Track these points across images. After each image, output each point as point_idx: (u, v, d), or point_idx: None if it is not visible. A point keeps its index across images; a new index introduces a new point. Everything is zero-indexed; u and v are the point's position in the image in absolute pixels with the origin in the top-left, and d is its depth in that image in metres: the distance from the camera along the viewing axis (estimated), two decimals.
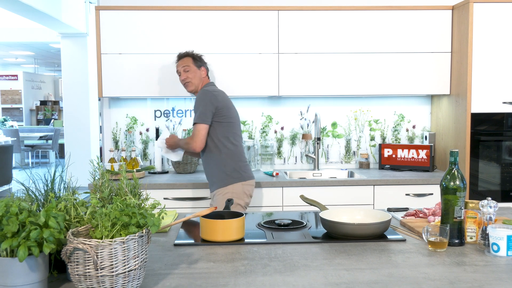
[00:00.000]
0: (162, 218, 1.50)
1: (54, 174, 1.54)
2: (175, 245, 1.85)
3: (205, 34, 3.56)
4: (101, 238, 1.33)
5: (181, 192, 3.34)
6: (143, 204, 1.51)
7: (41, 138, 11.15)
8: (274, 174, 3.57)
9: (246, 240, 1.90)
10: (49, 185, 1.54)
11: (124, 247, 1.30)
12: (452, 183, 1.81)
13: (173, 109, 3.93)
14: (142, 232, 1.36)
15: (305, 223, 2.14)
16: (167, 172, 3.78)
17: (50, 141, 11.06)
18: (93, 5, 7.20)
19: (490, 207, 1.78)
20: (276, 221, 2.14)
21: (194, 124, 2.94)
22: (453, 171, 1.82)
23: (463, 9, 3.49)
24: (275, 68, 3.60)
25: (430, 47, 3.67)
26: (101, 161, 3.93)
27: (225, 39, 3.58)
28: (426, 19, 3.64)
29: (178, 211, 3.18)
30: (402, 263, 1.63)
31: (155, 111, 3.93)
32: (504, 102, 3.47)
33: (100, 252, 1.27)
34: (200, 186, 3.34)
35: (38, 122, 14.87)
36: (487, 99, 3.46)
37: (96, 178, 1.61)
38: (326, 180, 3.49)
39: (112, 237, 1.33)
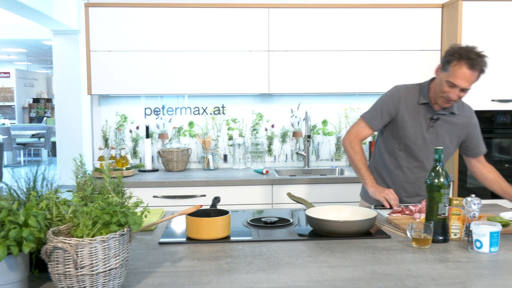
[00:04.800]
0: (145, 216, 1.51)
1: (36, 172, 1.54)
2: (160, 243, 1.85)
3: (195, 31, 3.56)
4: (82, 237, 1.33)
5: (170, 190, 3.33)
6: (126, 203, 1.51)
7: (33, 136, 11.10)
8: (264, 171, 3.58)
9: (232, 238, 1.90)
10: (31, 183, 1.53)
11: (104, 245, 1.29)
12: (436, 181, 1.81)
13: (163, 107, 3.93)
14: (124, 231, 1.35)
15: (291, 221, 2.14)
16: (157, 170, 3.77)
17: (42, 139, 11.01)
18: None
19: (474, 204, 1.78)
20: (263, 219, 2.14)
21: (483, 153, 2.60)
22: (437, 169, 1.83)
23: (452, 7, 3.50)
24: (265, 65, 3.60)
25: (420, 45, 3.68)
26: (93, 160, 3.92)
27: (215, 36, 3.57)
28: (416, 17, 3.65)
29: (167, 209, 3.16)
30: (386, 260, 1.64)
31: (145, 108, 3.92)
32: (493, 100, 3.49)
33: (80, 251, 1.27)
34: (190, 184, 3.34)
35: (31, 120, 14.80)
36: (476, 97, 3.46)
37: (79, 176, 1.60)
38: (316, 177, 3.50)
39: (93, 236, 1.33)
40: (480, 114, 3.49)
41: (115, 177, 1.67)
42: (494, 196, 3.57)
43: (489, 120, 3.54)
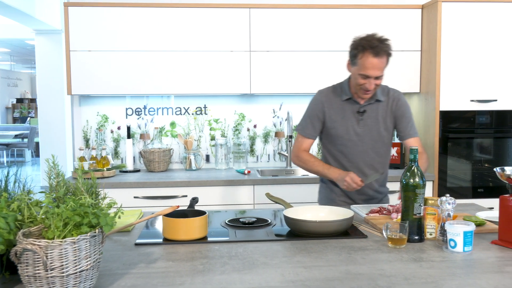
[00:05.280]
0: (119, 217, 1.50)
1: (8, 173, 1.52)
2: (136, 244, 1.83)
3: (176, 31, 3.54)
4: (53, 239, 1.31)
5: (151, 191, 3.32)
6: (100, 204, 1.49)
7: (16, 136, 10.98)
8: (246, 172, 3.57)
9: (209, 239, 1.90)
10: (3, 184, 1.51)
11: (75, 247, 1.28)
12: (411, 180, 1.82)
13: (144, 107, 3.91)
14: (95, 232, 1.34)
15: (269, 221, 2.14)
16: (138, 171, 3.75)
17: (26, 140, 10.89)
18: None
19: (449, 203, 1.80)
20: (241, 219, 2.14)
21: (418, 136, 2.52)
22: (412, 168, 1.84)
23: (431, 8, 3.53)
24: (246, 65, 3.59)
25: (400, 46, 3.70)
26: (74, 160, 3.89)
27: (197, 36, 3.56)
28: (396, 18, 3.67)
29: (148, 210, 3.15)
30: (361, 259, 1.64)
31: (126, 109, 3.90)
32: (472, 100, 3.52)
33: (50, 253, 1.25)
34: (171, 184, 3.33)
35: (15, 120, 14.64)
36: (455, 97, 3.51)
37: (52, 177, 1.58)
38: (298, 177, 3.50)
39: (64, 237, 1.31)
40: (461, 114, 3.54)
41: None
42: (475, 195, 3.63)
43: (469, 120, 3.57)
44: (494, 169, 1.83)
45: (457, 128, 3.57)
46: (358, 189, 2.35)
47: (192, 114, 3.94)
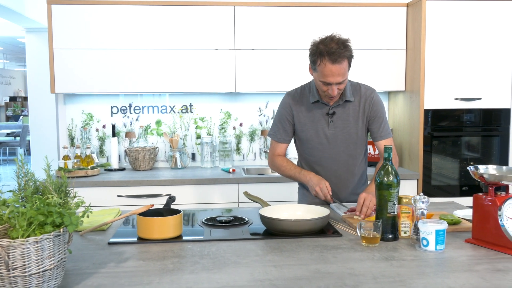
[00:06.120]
0: (87, 216, 1.49)
1: None
2: (109, 243, 1.83)
3: (160, 29, 3.53)
4: (18, 238, 1.31)
5: (136, 189, 3.31)
6: (69, 203, 1.48)
7: (8, 134, 10.94)
8: (231, 170, 3.57)
9: (183, 238, 1.89)
10: None
11: (37, 246, 1.27)
12: (386, 179, 1.82)
13: (130, 105, 3.89)
14: (60, 231, 1.33)
15: (246, 220, 2.13)
16: (123, 169, 3.74)
17: (18, 138, 10.85)
18: None
19: (422, 202, 1.80)
20: (218, 218, 2.14)
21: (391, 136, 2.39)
22: (387, 167, 1.84)
23: (416, 6, 3.53)
24: (231, 64, 3.58)
25: (386, 44, 3.70)
26: (58, 159, 3.88)
27: (182, 34, 3.55)
28: (382, 16, 3.67)
29: (131, 208, 3.14)
30: (332, 258, 1.64)
31: (111, 107, 3.88)
32: (456, 99, 3.52)
33: (12, 252, 1.24)
34: (155, 183, 3.32)
35: (8, 118, 14.59)
36: (439, 95, 3.51)
37: (21, 176, 1.57)
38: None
39: (28, 237, 1.30)
40: (448, 113, 3.54)
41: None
42: (463, 194, 3.64)
43: (456, 119, 3.57)
44: (468, 168, 1.83)
45: (443, 126, 3.57)
46: (333, 193, 2.32)
47: (178, 112, 3.93)
